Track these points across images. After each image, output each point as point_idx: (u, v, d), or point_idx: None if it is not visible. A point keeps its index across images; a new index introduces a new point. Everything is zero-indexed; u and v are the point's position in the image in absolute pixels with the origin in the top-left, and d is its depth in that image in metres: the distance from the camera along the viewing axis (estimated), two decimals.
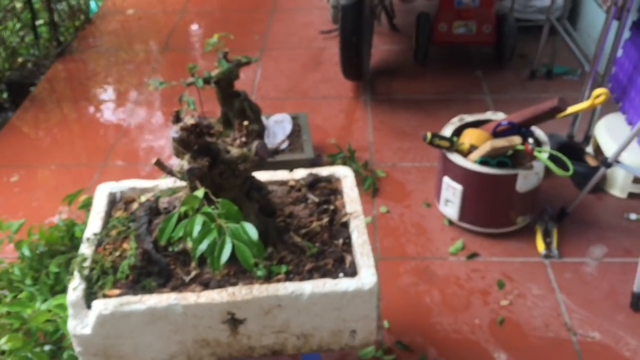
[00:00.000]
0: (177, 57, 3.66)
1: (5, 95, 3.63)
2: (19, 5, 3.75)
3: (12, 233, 2.17)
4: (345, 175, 1.78)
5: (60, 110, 3.25)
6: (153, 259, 1.53)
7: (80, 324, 1.45)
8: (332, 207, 1.67)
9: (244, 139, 1.49)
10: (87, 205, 2.40)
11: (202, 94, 2.46)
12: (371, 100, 3.20)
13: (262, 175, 1.76)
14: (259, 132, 2.57)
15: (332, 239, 1.60)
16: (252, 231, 1.25)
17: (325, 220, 1.63)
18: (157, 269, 1.52)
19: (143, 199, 1.76)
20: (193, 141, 1.41)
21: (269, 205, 1.66)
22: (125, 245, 1.59)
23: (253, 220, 1.53)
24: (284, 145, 2.57)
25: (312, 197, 1.71)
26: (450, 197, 2.32)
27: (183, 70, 3.25)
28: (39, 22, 3.85)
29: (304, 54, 3.64)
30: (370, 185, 2.59)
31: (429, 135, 2.25)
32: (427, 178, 2.65)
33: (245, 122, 1.50)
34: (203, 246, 1.23)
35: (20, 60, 3.78)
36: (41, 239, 2.12)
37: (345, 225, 1.64)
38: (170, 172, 1.46)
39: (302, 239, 1.59)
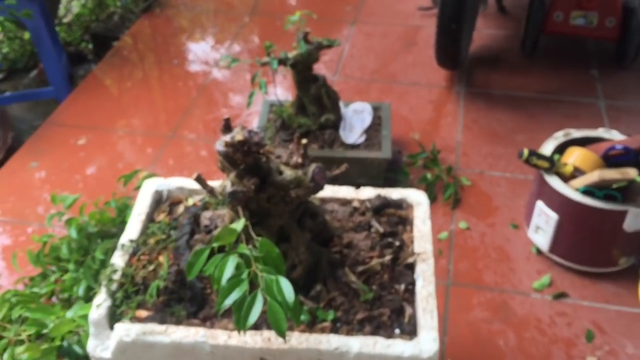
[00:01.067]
0: (264, 23, 3.45)
1: (90, 46, 3.57)
2: None
3: (64, 208, 2.07)
4: (419, 202, 1.52)
5: (139, 68, 3.13)
6: (187, 281, 1.35)
7: (100, 346, 1.31)
8: (397, 243, 1.43)
9: (300, 160, 1.26)
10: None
11: (278, 73, 2.24)
12: (465, 92, 2.87)
13: (324, 192, 1.54)
14: (335, 123, 2.33)
15: (392, 283, 1.36)
16: (288, 290, 1.04)
17: (388, 257, 1.40)
18: (189, 293, 1.34)
19: (190, 202, 1.58)
20: (240, 159, 1.20)
21: (325, 230, 1.43)
22: (161, 258, 1.42)
23: (302, 253, 1.31)
24: (361, 140, 2.32)
25: (377, 226, 1.47)
26: (542, 225, 2.02)
27: (269, 37, 3.04)
28: None
29: (397, 31, 3.33)
30: (451, 195, 2.31)
31: (525, 152, 1.94)
32: (519, 193, 2.34)
33: (304, 140, 1.27)
34: (230, 300, 1.03)
35: (107, 11, 3.69)
36: (91, 219, 2.00)
37: (411, 267, 1.39)
38: (211, 192, 1.26)
39: (358, 279, 1.36)
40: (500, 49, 3.17)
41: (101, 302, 1.31)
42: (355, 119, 2.39)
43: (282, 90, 2.81)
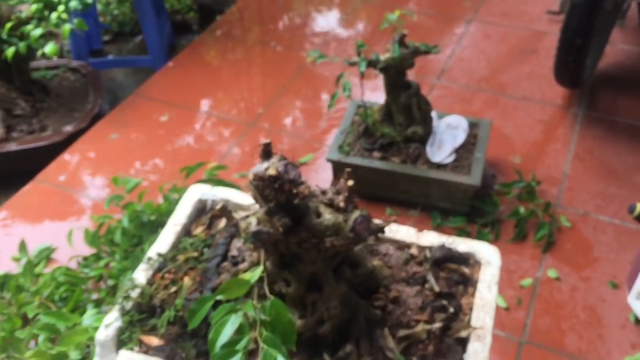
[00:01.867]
0: (374, 10, 3.22)
1: (195, 15, 3.51)
2: None
3: (125, 192, 2.00)
4: (488, 261, 1.28)
5: (236, 46, 3.03)
6: (206, 315, 1.21)
7: None
8: (452, 309, 1.21)
9: (342, 203, 1.07)
10: (212, 176, 2.16)
11: (368, 75, 2.03)
12: (583, 115, 2.52)
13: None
14: (422, 137, 2.10)
15: (437, 358, 1.15)
16: None
17: (438, 325, 1.18)
18: (205, 329, 1.20)
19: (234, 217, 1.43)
20: (270, 196, 1.02)
21: (371, 277, 1.24)
22: (186, 280, 1.29)
23: (334, 307, 1.13)
24: (449, 160, 2.08)
25: (433, 282, 1.25)
26: None
27: (378, 23, 2.83)
28: None
29: (518, 35, 3.00)
30: (544, 236, 2.02)
31: (638, 208, 1.63)
32: (626, 246, 2.01)
33: (351, 182, 1.07)
34: None
35: None
36: (146, 210, 1.92)
37: (462, 342, 1.17)
38: (235, 225, 1.10)
39: (398, 345, 1.16)
40: (634, 69, 2.77)
41: (111, 322, 1.20)
42: (447, 134, 2.15)
43: (373, 93, 2.59)
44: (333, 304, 1.13)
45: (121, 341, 1.19)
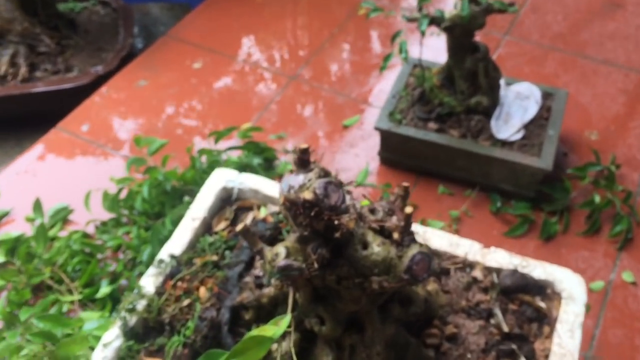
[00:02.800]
0: None
1: None
2: None
3: (148, 154, 1.79)
4: (571, 296, 1.04)
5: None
6: (222, 339, 1.01)
7: None
8: (524, 357, 0.98)
9: (398, 235, 0.83)
10: (245, 138, 1.93)
11: (429, 35, 1.74)
12: None
13: (433, 239, 1.10)
14: (487, 109, 1.82)
15: None
16: None
17: None
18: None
19: (262, 213, 1.21)
20: (305, 222, 0.79)
21: (425, 309, 1.01)
22: (202, 291, 1.09)
23: (378, 354, 0.91)
24: (516, 136, 1.80)
25: (500, 319, 1.02)
26: None
27: None
28: None
29: None
30: (622, 232, 1.75)
31: None
32: None
33: (409, 209, 0.83)
34: None
35: None
36: (169, 177, 1.72)
37: None
38: (259, 253, 0.88)
39: None
40: None
41: (111, 341, 1.02)
42: (516, 106, 1.86)
43: (433, 53, 2.29)
44: (377, 350, 0.91)
45: (124, 356, 1.01)
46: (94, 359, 1.00)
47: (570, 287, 1.04)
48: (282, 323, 0.77)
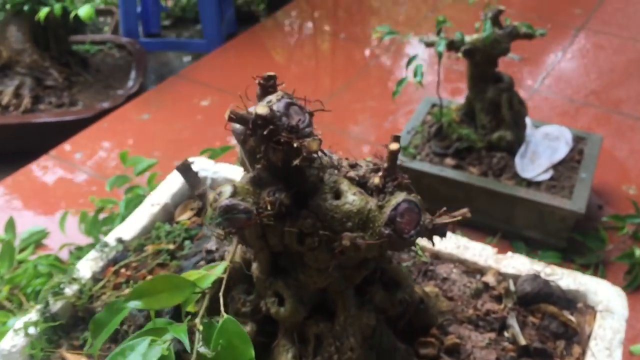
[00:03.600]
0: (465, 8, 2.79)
1: (261, 7, 3.19)
2: None
3: (135, 173, 1.64)
4: (609, 309, 0.82)
5: (302, 32, 2.67)
6: None
7: None
8: None
9: (378, 180, 0.64)
10: None
11: (448, 62, 1.61)
12: None
13: (436, 240, 0.90)
14: (511, 144, 1.64)
15: None
16: None
17: None
18: None
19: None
20: (257, 151, 0.61)
21: (420, 312, 0.80)
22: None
23: (351, 348, 0.69)
24: (544, 176, 1.61)
25: (516, 330, 0.80)
26: None
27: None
28: None
29: (638, 48, 2.49)
30: None
31: None
32: None
33: (395, 145, 0.64)
34: None
35: None
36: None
37: None
38: (200, 197, 0.69)
39: None
40: None
41: (23, 327, 0.81)
42: (544, 146, 1.67)
43: (452, 87, 2.14)
44: (350, 343, 0.69)
45: (31, 357, 0.80)
46: (1, 346, 0.80)
47: (608, 299, 0.82)
48: (218, 268, 0.57)
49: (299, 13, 2.86)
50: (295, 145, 0.59)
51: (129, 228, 0.95)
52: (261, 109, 0.59)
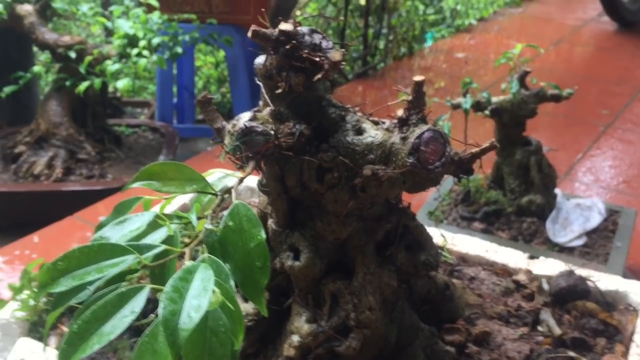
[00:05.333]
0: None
1: None
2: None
3: None
4: None
5: None
6: None
7: None
8: None
9: (403, 112, 0.62)
10: None
11: (475, 125, 1.61)
12: None
13: (464, 244, 0.84)
14: (542, 208, 1.59)
15: None
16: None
17: None
18: None
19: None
20: (278, 75, 0.61)
21: (445, 300, 0.73)
22: None
23: (370, 308, 0.63)
24: (578, 242, 1.54)
25: (551, 322, 0.72)
26: None
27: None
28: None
29: None
30: None
31: None
32: None
33: (420, 77, 0.63)
34: None
35: None
36: None
37: None
38: (219, 132, 0.67)
39: None
40: None
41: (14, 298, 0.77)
42: (576, 214, 1.62)
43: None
44: (369, 301, 0.63)
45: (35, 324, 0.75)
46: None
47: None
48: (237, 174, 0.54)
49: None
50: (317, 60, 0.57)
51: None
52: (285, 25, 0.58)
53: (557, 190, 1.68)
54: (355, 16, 3.42)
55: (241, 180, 0.56)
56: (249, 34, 0.61)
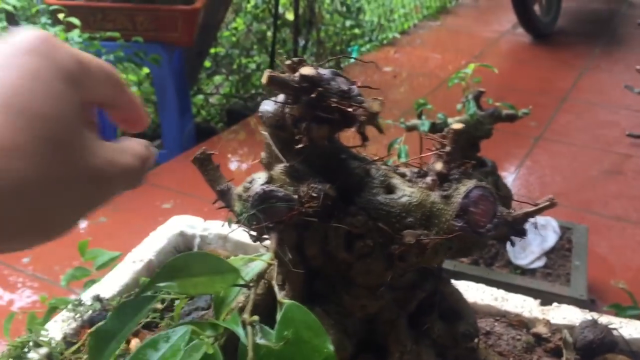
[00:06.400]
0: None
1: (220, 125, 3.19)
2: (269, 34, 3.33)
3: (95, 268, 1.46)
4: None
5: (258, 143, 2.61)
6: None
7: None
8: None
9: (442, 167, 0.54)
10: None
11: (429, 146, 1.56)
12: None
13: (468, 292, 0.78)
14: None
15: None
16: None
17: None
18: None
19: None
20: (297, 123, 0.51)
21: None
22: (133, 344, 0.72)
23: None
24: (538, 264, 1.52)
25: None
26: None
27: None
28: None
29: (597, 156, 2.55)
30: None
31: None
32: None
33: (457, 125, 0.55)
34: None
35: (252, 92, 3.33)
36: None
37: None
38: (222, 195, 0.57)
39: None
40: None
41: None
42: (533, 234, 1.60)
43: None
44: None
45: None
46: None
47: None
48: (264, 256, 0.44)
49: (255, 125, 2.84)
50: (350, 110, 0.48)
51: (108, 286, 0.79)
52: (307, 69, 0.49)
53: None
54: (284, 32, 3.35)
55: (269, 265, 0.46)
56: (263, 79, 0.51)
